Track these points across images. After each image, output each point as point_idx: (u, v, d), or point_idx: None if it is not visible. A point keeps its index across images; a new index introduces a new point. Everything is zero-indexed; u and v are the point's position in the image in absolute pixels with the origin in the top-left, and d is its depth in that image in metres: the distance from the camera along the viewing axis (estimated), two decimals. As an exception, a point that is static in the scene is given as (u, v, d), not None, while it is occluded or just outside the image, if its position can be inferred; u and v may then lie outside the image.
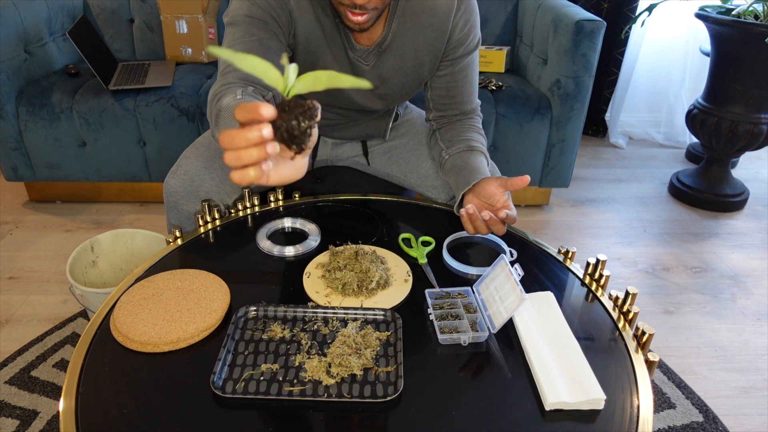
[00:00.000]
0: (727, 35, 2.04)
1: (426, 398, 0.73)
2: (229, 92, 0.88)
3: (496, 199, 0.96)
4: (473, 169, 1.05)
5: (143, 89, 1.93)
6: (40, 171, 2.02)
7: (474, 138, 1.13)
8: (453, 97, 1.13)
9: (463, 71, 1.11)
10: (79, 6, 2.23)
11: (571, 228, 2.12)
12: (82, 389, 0.73)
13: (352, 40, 1.03)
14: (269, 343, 0.81)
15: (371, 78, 1.08)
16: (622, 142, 2.84)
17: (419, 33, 1.04)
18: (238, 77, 0.92)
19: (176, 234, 1.06)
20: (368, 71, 1.07)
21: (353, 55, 1.04)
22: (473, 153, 1.09)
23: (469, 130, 1.14)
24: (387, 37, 1.03)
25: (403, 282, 0.94)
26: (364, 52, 1.04)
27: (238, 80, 0.92)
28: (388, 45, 1.04)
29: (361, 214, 1.17)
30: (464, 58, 1.09)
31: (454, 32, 1.05)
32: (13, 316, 1.57)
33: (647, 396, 0.75)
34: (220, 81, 0.94)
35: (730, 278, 1.84)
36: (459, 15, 1.04)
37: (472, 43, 1.09)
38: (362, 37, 1.04)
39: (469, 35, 1.07)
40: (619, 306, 0.91)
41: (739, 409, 1.35)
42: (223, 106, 0.85)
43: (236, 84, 0.91)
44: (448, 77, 1.11)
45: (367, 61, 1.06)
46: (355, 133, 1.24)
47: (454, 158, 1.10)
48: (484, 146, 1.13)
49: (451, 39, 1.06)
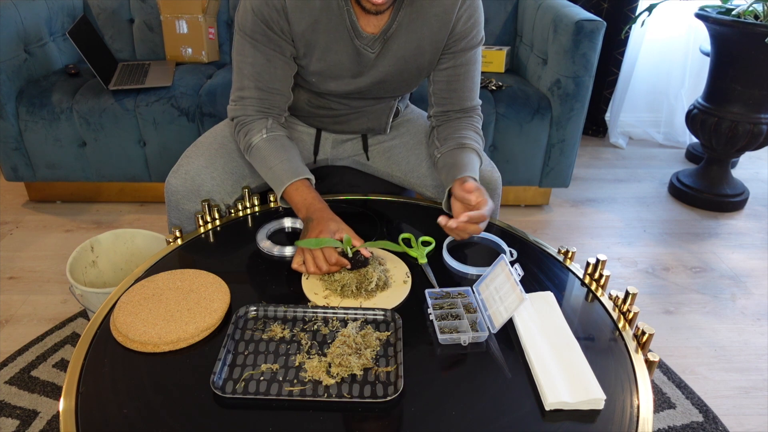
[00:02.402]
0: (727, 35, 2.04)
1: (426, 398, 0.73)
2: (255, 128, 1.09)
3: (468, 198, 0.96)
4: (460, 166, 1.06)
5: (143, 89, 1.93)
6: (40, 171, 2.02)
7: (467, 136, 1.13)
8: (454, 91, 1.14)
9: (465, 66, 1.11)
10: (79, 6, 2.23)
11: (571, 228, 2.12)
12: (82, 389, 0.73)
13: (359, 28, 1.04)
14: (269, 343, 0.81)
15: (375, 65, 1.09)
16: (622, 142, 2.84)
17: (424, 23, 1.05)
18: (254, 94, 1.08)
19: (176, 234, 1.06)
20: (374, 59, 1.08)
21: (359, 43, 1.05)
22: (464, 150, 1.10)
23: (465, 128, 1.14)
24: (392, 25, 1.04)
25: (402, 283, 0.94)
26: (370, 39, 1.05)
27: (255, 99, 1.08)
28: (393, 33, 1.05)
29: (361, 214, 1.17)
30: (466, 52, 1.10)
31: (458, 24, 1.07)
32: (13, 316, 1.57)
33: (647, 396, 0.75)
34: (237, 94, 1.10)
35: (730, 278, 1.84)
36: (463, 9, 1.06)
37: (475, 39, 1.10)
38: (369, 24, 1.05)
39: (472, 30, 1.08)
40: (619, 306, 0.91)
41: (739, 409, 1.35)
42: (253, 144, 1.08)
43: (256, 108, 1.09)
44: (449, 70, 1.12)
45: (373, 49, 1.07)
46: (356, 126, 1.25)
47: (445, 156, 1.11)
48: (479, 143, 1.14)
49: (453, 31, 1.07)
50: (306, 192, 1.04)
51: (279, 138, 1.09)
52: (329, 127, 1.26)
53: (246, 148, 1.10)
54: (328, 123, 1.25)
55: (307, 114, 1.25)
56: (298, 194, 1.04)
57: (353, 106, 1.20)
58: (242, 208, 1.17)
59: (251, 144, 1.08)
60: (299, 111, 1.25)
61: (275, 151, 1.07)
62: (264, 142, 1.07)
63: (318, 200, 1.03)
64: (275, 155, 1.06)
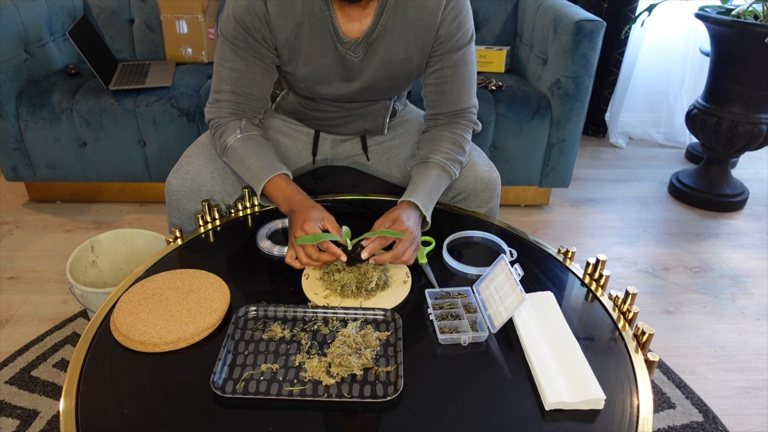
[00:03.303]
0: (726, 35, 2.04)
1: (426, 398, 0.73)
2: (229, 129, 1.09)
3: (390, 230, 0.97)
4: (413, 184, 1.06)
5: (143, 89, 1.93)
6: (40, 171, 2.02)
7: (438, 147, 1.11)
8: (443, 93, 1.13)
9: (453, 67, 1.10)
10: (79, 6, 2.23)
11: (571, 228, 2.12)
12: (82, 389, 0.73)
13: (341, 33, 1.04)
14: (269, 343, 0.81)
15: (359, 70, 1.09)
16: (622, 142, 2.84)
17: (408, 27, 1.05)
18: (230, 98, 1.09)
19: (176, 234, 1.06)
20: (358, 63, 1.08)
21: (342, 48, 1.05)
22: (427, 165, 1.09)
23: (441, 139, 1.12)
24: (375, 30, 1.04)
25: (402, 283, 0.94)
26: (352, 44, 1.05)
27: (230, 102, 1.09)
28: (377, 37, 1.05)
29: (361, 214, 1.17)
30: (453, 53, 1.09)
31: (442, 27, 1.06)
32: (13, 316, 1.57)
33: (647, 396, 0.75)
34: (213, 96, 1.11)
35: (730, 278, 1.84)
36: (447, 11, 1.05)
37: (462, 40, 1.08)
38: (351, 29, 1.04)
39: (458, 31, 1.07)
40: (619, 306, 0.91)
41: (739, 409, 1.35)
42: (228, 145, 1.09)
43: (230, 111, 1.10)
44: (437, 73, 1.11)
45: (356, 53, 1.07)
46: (353, 128, 1.25)
47: (412, 169, 1.12)
48: (451, 154, 1.11)
49: (438, 33, 1.06)
50: (285, 186, 1.04)
51: (253, 137, 1.09)
52: (326, 128, 1.27)
53: (222, 149, 1.10)
54: (325, 125, 1.25)
55: (303, 117, 1.25)
56: (277, 189, 1.04)
57: (347, 108, 1.20)
58: (242, 208, 1.17)
59: (226, 145, 1.09)
60: (295, 114, 1.25)
61: (250, 150, 1.07)
62: (239, 142, 1.08)
63: (297, 192, 1.03)
64: (251, 154, 1.07)
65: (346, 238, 0.95)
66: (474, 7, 2.27)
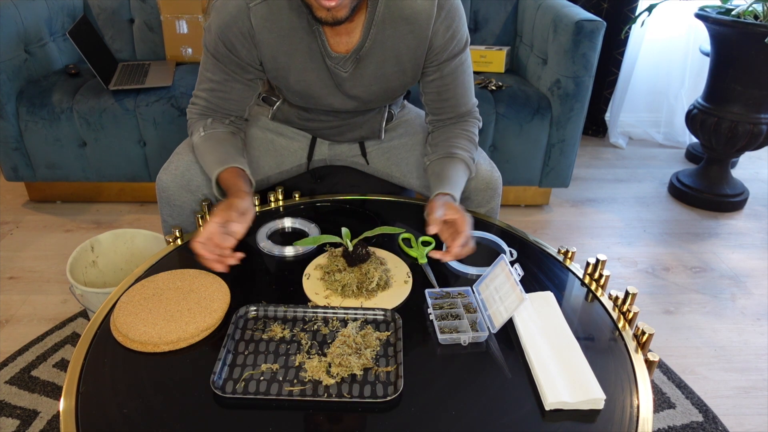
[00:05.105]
0: (726, 35, 2.04)
1: (426, 398, 0.73)
2: (196, 128, 1.12)
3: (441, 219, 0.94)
4: (443, 178, 1.05)
5: (143, 89, 1.93)
6: (40, 171, 2.02)
7: (458, 144, 1.11)
8: (445, 101, 1.13)
9: (452, 74, 1.09)
10: (79, 6, 2.23)
11: (571, 228, 2.12)
12: (82, 389, 0.74)
13: (329, 48, 1.02)
14: (269, 343, 0.81)
15: (351, 85, 1.08)
16: (622, 142, 2.84)
17: (399, 40, 1.03)
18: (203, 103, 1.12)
19: (176, 234, 1.06)
20: (347, 78, 1.07)
21: (330, 63, 1.04)
22: (452, 161, 1.09)
23: (456, 136, 1.13)
24: (365, 44, 1.02)
25: (403, 283, 0.94)
26: (340, 59, 1.04)
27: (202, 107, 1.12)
28: (367, 52, 1.03)
29: (361, 214, 1.17)
30: (450, 61, 1.08)
31: (436, 38, 1.03)
32: (13, 316, 1.57)
33: (647, 396, 0.75)
34: (192, 97, 1.14)
35: (730, 278, 1.84)
36: (440, 21, 1.02)
37: (458, 47, 1.07)
38: (339, 44, 1.03)
39: (453, 39, 1.05)
40: (618, 306, 0.91)
41: (739, 409, 1.35)
42: (194, 143, 1.11)
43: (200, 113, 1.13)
44: (437, 81, 1.10)
45: (345, 68, 1.05)
46: (350, 136, 1.25)
47: (434, 164, 1.11)
48: (469, 152, 1.12)
49: (432, 45, 1.04)
50: (231, 179, 1.01)
51: (216, 134, 1.10)
52: (325, 136, 1.27)
53: (192, 148, 1.14)
54: (323, 133, 1.25)
55: (300, 126, 1.25)
56: (223, 182, 1.03)
57: (343, 117, 1.20)
58: (242, 208, 1.17)
59: (193, 143, 1.12)
60: (291, 123, 1.25)
61: (211, 146, 1.08)
62: (201, 139, 1.10)
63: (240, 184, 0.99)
64: (210, 150, 1.08)
65: (346, 239, 0.95)
66: (474, 7, 2.27)
